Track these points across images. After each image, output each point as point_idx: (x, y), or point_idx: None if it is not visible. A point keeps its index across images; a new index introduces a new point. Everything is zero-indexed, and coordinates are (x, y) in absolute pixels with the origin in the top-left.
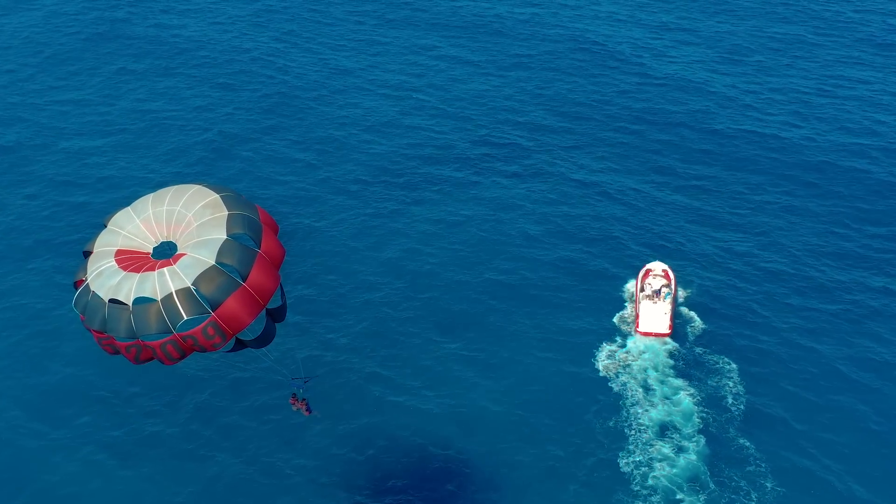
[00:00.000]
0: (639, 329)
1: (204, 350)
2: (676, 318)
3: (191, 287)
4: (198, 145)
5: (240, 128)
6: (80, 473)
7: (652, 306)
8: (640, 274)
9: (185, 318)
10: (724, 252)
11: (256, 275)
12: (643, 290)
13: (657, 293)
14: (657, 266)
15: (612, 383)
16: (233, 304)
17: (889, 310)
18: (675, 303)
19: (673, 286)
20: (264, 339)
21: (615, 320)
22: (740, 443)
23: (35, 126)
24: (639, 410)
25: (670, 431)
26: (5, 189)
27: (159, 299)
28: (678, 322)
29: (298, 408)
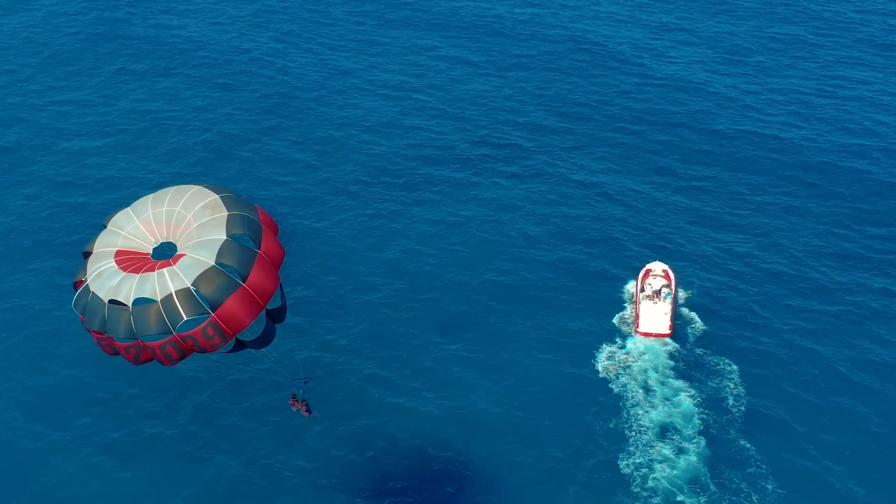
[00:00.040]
0: (639, 329)
1: (204, 351)
2: (677, 319)
3: (190, 287)
4: (197, 146)
5: (239, 128)
6: (79, 475)
7: (652, 307)
8: (641, 274)
9: (185, 319)
10: (725, 253)
11: (256, 275)
12: (643, 291)
13: (657, 293)
14: (657, 266)
15: (613, 384)
16: (232, 305)
17: (890, 311)
18: (676, 303)
19: (673, 286)
20: (264, 340)
21: (615, 321)
22: (741, 444)
23: (35, 126)
24: (639, 412)
25: (671, 433)
26: (5, 189)
27: (159, 300)
28: (678, 323)
29: (298, 409)
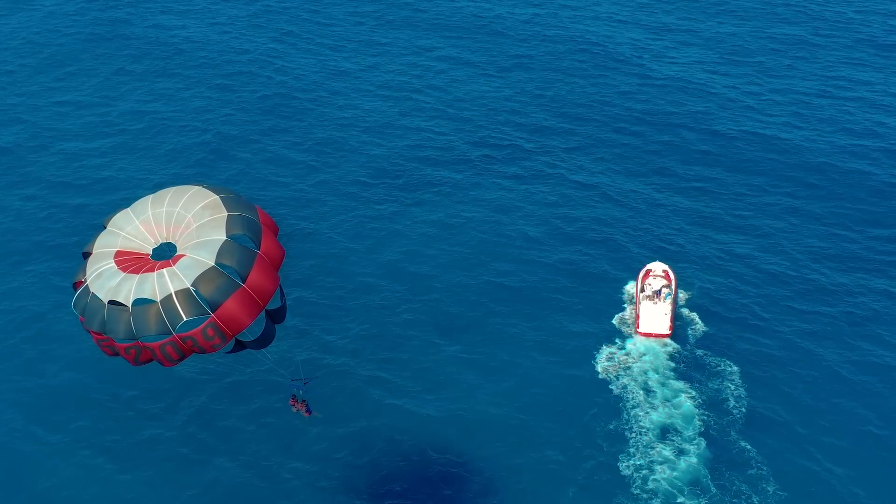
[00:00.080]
0: (639, 330)
1: (203, 351)
2: (677, 320)
3: (190, 288)
4: (196, 146)
5: (239, 129)
6: (78, 477)
7: (652, 307)
8: (641, 274)
9: (185, 320)
10: (725, 254)
11: (256, 276)
12: (643, 291)
13: (657, 293)
14: (657, 266)
15: (613, 386)
16: (232, 306)
17: (891, 312)
18: (676, 303)
19: (673, 286)
20: (264, 341)
21: (615, 322)
22: (742, 446)
23: (33, 127)
24: (639, 413)
25: (671, 434)
26: (3, 190)
27: (159, 300)
28: (679, 324)
29: (298, 409)
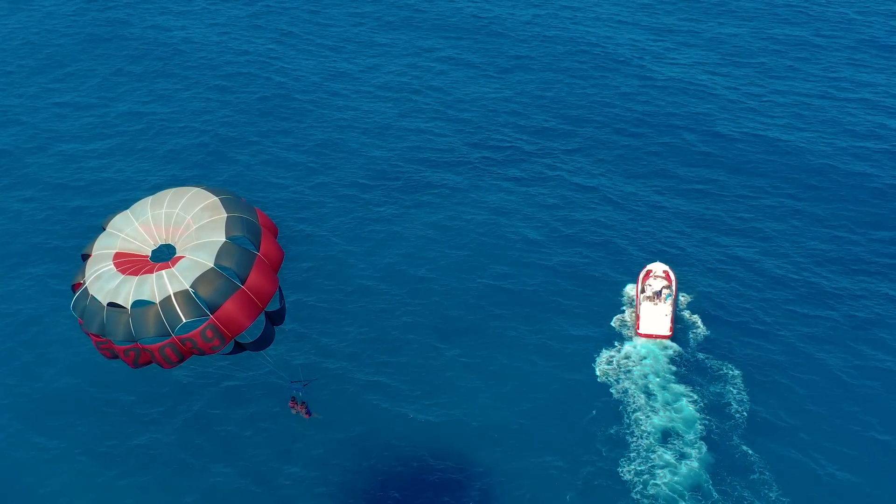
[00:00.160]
0: (639, 331)
1: (203, 353)
2: (678, 323)
3: (189, 290)
4: (195, 148)
5: (238, 130)
6: (74, 484)
7: (653, 308)
8: (641, 275)
9: (184, 321)
10: (727, 257)
11: (255, 277)
12: (644, 292)
13: (658, 294)
14: (658, 267)
15: (613, 389)
16: (231, 307)
17: (894, 316)
18: (676, 305)
19: (674, 287)
20: (263, 342)
21: (616, 325)
22: (743, 450)
23: (31, 128)
24: (640, 417)
25: (672, 438)
26: (0, 192)
27: (158, 302)
28: (680, 327)
29: (298, 411)
